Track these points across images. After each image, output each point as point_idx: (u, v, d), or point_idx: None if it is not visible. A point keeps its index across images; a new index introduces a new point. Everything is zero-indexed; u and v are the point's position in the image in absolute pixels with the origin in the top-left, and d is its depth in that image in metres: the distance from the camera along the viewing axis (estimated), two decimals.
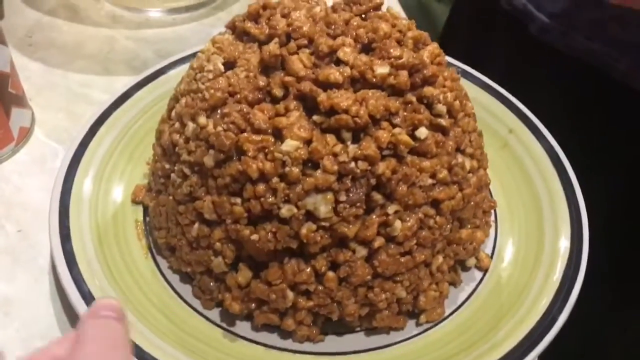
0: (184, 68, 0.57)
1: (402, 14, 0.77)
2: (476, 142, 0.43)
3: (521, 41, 0.68)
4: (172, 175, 0.42)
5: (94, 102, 0.60)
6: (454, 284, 0.45)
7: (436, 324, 0.43)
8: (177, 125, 0.42)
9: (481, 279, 0.46)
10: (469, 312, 0.44)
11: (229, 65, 0.42)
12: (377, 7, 0.45)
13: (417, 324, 0.43)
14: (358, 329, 0.43)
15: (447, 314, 0.44)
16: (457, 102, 0.40)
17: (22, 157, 0.56)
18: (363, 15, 0.44)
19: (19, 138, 0.56)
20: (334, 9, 0.45)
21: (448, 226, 0.41)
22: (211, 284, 0.42)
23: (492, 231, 0.48)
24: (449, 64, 0.45)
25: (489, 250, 0.47)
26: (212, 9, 0.74)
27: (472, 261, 0.45)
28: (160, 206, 0.44)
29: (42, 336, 0.44)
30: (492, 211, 0.48)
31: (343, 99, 0.37)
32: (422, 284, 0.41)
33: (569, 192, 0.49)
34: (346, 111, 0.37)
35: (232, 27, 0.45)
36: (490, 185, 0.47)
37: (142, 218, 0.48)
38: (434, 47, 0.43)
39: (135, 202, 0.49)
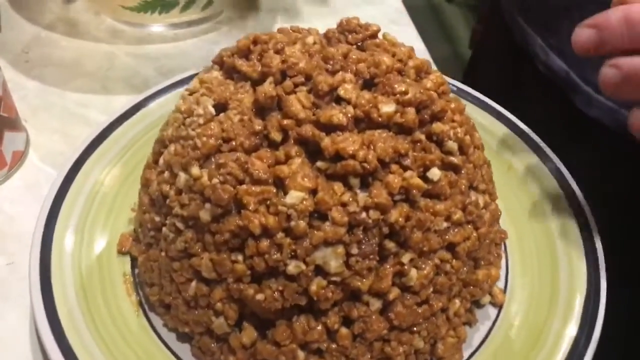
0: (166, 99, 0.54)
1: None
2: (487, 174, 0.41)
3: (561, 109, 0.60)
4: (164, 229, 0.39)
5: (91, 123, 0.58)
6: (469, 323, 0.42)
7: None
8: (166, 174, 0.39)
9: (496, 316, 0.43)
10: (488, 354, 0.41)
11: (220, 107, 0.38)
12: (374, 35, 0.42)
13: None
14: None
15: (465, 358, 0.41)
16: (467, 137, 0.38)
17: (15, 182, 0.54)
18: (360, 44, 0.41)
19: (12, 162, 0.53)
20: (327, 38, 0.42)
21: (464, 269, 0.39)
22: (212, 344, 0.39)
23: (502, 262, 0.46)
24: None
25: (501, 284, 0.45)
26: (215, 23, 0.72)
27: (486, 298, 0.43)
28: (152, 261, 0.41)
29: None
30: None
31: (349, 143, 0.34)
32: (440, 331, 0.39)
33: (579, 217, 0.47)
34: (353, 156, 0.34)
35: (220, 63, 0.42)
36: None
37: (129, 270, 0.45)
38: (436, 75, 0.40)
39: (121, 252, 0.45)
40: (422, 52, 0.68)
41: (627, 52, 0.36)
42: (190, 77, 0.55)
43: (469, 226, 0.38)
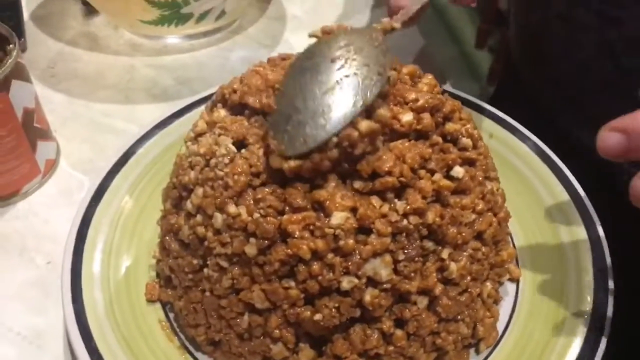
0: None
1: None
2: (492, 163, 0.44)
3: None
4: (206, 270, 0.40)
5: (117, 132, 0.63)
6: (496, 302, 0.45)
7: (494, 347, 0.44)
8: (199, 218, 0.40)
9: (516, 290, 0.47)
10: (520, 325, 0.44)
11: (239, 144, 0.39)
12: None
13: (478, 352, 0.43)
14: None
15: (500, 333, 0.44)
16: (476, 131, 0.41)
17: (49, 189, 0.58)
18: None
19: (45, 170, 0.57)
20: None
21: (492, 253, 0.42)
22: None
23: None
24: None
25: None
26: (229, 33, 0.75)
27: (505, 277, 0.46)
28: (194, 303, 0.42)
29: None
30: None
31: (383, 161, 0.36)
32: (479, 315, 0.42)
33: (560, 175, 0.51)
34: (389, 172, 0.36)
35: (223, 101, 0.43)
36: None
37: (164, 317, 0.45)
38: (429, 79, 0.43)
39: (151, 301, 0.46)
40: (425, 53, 0.71)
41: None
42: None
43: (489, 213, 0.41)
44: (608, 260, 0.46)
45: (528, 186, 0.52)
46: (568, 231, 0.48)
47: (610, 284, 0.44)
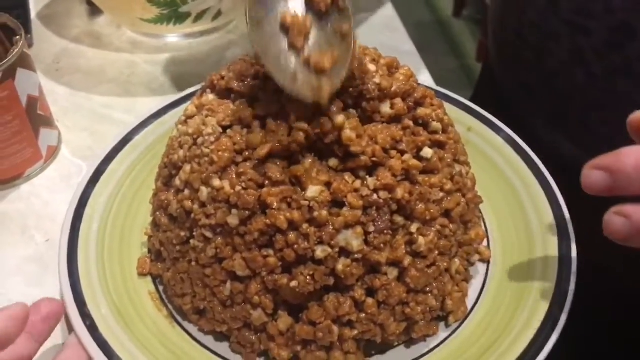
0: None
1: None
2: (462, 148, 0.47)
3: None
4: (192, 241, 0.43)
5: (116, 122, 0.66)
6: (466, 280, 0.48)
7: (463, 321, 0.46)
8: (186, 192, 0.43)
9: (486, 270, 0.49)
10: (488, 301, 0.47)
11: (225, 125, 0.43)
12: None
13: (447, 325, 0.46)
14: (396, 343, 0.45)
15: (469, 309, 0.47)
16: (446, 117, 0.44)
17: (50, 173, 0.61)
18: None
19: (47, 156, 0.61)
20: None
21: (459, 231, 0.45)
22: (252, 336, 0.43)
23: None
24: None
25: (484, 242, 0.51)
26: (225, 32, 0.79)
27: (475, 257, 0.49)
28: (181, 273, 0.45)
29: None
30: None
31: (357, 143, 0.39)
32: (447, 288, 0.45)
33: (530, 164, 0.54)
34: (362, 152, 0.39)
35: (212, 87, 0.46)
36: None
37: (153, 289, 0.48)
38: (405, 69, 0.46)
39: (142, 274, 0.49)
40: (413, 55, 0.75)
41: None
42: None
43: (458, 194, 0.44)
44: (573, 245, 0.48)
45: (502, 176, 0.55)
46: (537, 217, 0.51)
47: (573, 265, 0.47)
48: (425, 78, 0.71)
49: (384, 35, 0.78)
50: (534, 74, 0.64)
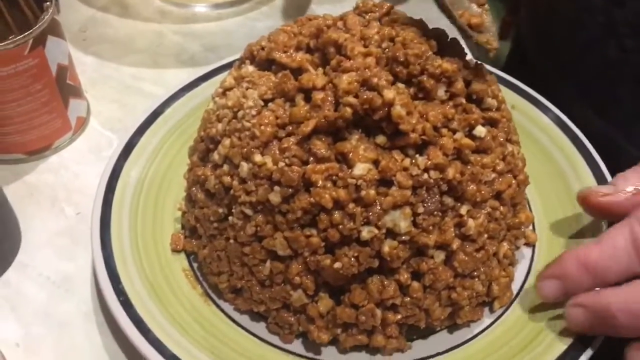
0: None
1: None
2: (514, 127, 0.45)
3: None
4: (230, 218, 0.41)
5: (145, 94, 0.65)
6: (512, 264, 0.46)
7: (508, 307, 0.44)
8: (225, 167, 0.41)
9: (532, 255, 0.48)
10: (533, 289, 0.45)
11: (268, 98, 0.41)
12: (388, 13, 0.45)
13: (492, 311, 0.44)
14: (438, 328, 0.44)
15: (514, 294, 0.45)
16: (500, 94, 0.41)
17: (79, 145, 0.60)
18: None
19: (76, 127, 0.60)
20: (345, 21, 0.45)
21: (509, 214, 0.43)
22: (290, 318, 0.42)
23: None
24: None
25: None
26: (256, 3, 0.77)
27: (521, 240, 0.47)
28: (218, 251, 0.43)
29: (103, 309, 0.47)
30: None
31: (407, 121, 0.37)
32: (494, 273, 0.43)
33: (580, 147, 0.51)
34: (413, 130, 0.37)
35: (251, 57, 0.44)
36: None
37: (187, 266, 0.47)
38: (455, 40, 0.43)
39: (176, 251, 0.47)
40: (451, 28, 0.72)
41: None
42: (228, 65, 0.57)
43: (509, 175, 0.42)
44: None
45: (548, 156, 0.53)
46: None
47: None
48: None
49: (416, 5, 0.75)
50: (566, 48, 0.63)
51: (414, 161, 0.38)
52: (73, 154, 0.59)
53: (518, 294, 0.45)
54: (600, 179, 0.49)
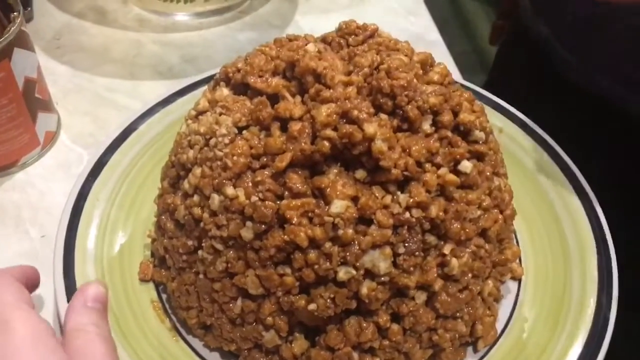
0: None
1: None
2: (501, 158, 0.42)
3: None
4: (200, 252, 0.39)
5: (120, 107, 0.62)
6: (497, 300, 0.44)
7: (492, 346, 0.42)
8: (195, 198, 0.38)
9: (518, 289, 0.46)
10: (519, 325, 0.43)
11: (242, 126, 0.38)
12: (373, 35, 0.43)
13: (475, 350, 0.42)
14: None
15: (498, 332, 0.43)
16: (488, 125, 0.39)
17: (47, 161, 0.57)
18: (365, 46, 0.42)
19: (44, 142, 0.57)
20: (327, 42, 0.43)
21: (495, 251, 0.41)
22: (262, 359, 0.40)
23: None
24: None
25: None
26: (238, 12, 0.74)
27: (507, 275, 0.45)
28: (187, 285, 0.41)
29: None
30: None
31: (388, 157, 0.35)
32: (478, 313, 0.41)
33: (571, 178, 0.50)
34: (394, 165, 0.35)
35: (226, 80, 0.42)
36: None
37: (156, 297, 0.44)
38: (441, 68, 0.41)
39: (144, 280, 0.45)
40: (439, 43, 0.70)
41: None
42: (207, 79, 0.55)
43: (495, 210, 0.40)
44: (614, 263, 0.45)
45: (535, 183, 0.51)
46: (574, 232, 0.47)
47: (615, 289, 0.43)
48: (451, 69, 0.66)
49: (406, 19, 0.73)
50: (567, 21, 0.61)
51: (395, 198, 0.35)
52: (41, 171, 0.56)
53: (503, 331, 0.43)
54: (589, 208, 0.48)
